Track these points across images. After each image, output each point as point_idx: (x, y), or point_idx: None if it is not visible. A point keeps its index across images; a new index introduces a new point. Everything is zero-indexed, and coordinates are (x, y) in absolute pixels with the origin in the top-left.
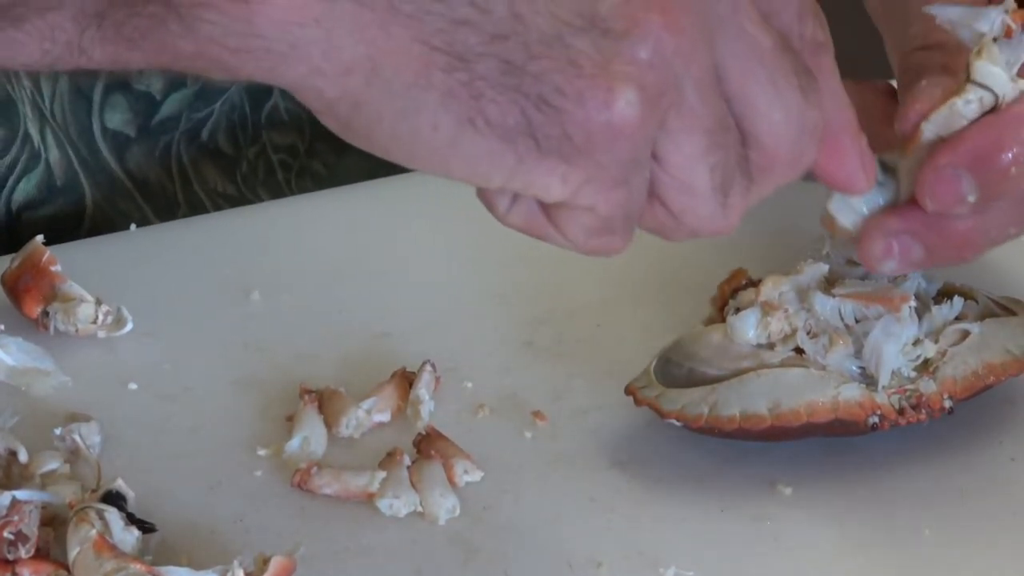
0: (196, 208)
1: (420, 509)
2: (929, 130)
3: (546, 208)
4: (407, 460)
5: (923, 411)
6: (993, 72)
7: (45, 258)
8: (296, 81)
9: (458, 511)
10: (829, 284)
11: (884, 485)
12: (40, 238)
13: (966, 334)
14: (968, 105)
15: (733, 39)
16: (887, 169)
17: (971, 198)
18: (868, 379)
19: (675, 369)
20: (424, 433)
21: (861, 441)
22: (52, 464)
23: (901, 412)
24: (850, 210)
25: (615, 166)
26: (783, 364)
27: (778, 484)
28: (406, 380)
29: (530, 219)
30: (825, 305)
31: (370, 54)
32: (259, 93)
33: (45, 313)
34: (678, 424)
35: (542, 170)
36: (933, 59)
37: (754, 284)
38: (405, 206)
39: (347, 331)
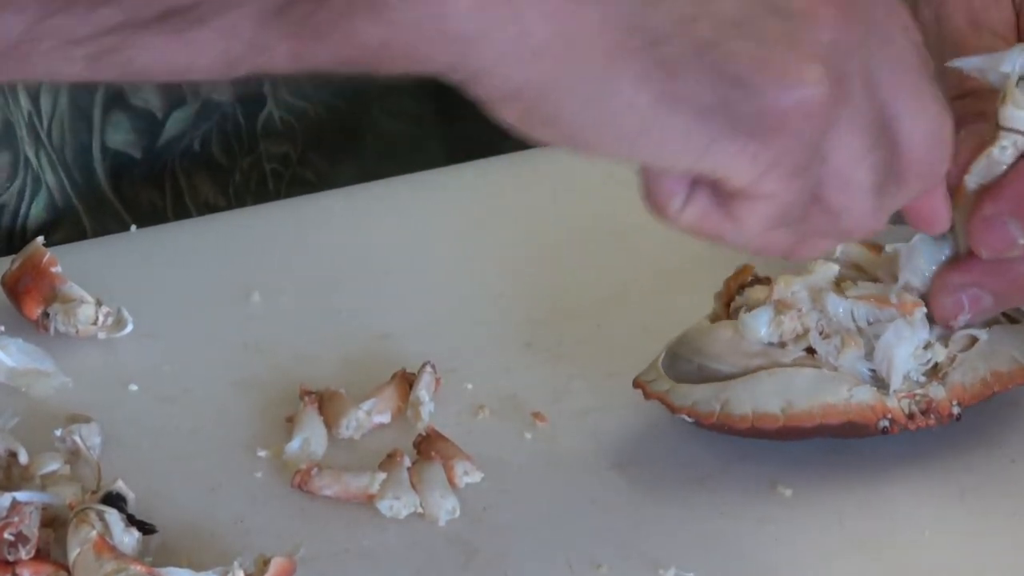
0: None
1: (420, 510)
2: (972, 181)
3: (723, 201)
4: (407, 461)
5: (932, 416)
6: (1018, 116)
7: (45, 259)
8: (484, 68)
9: (458, 512)
10: (839, 285)
11: (885, 486)
12: (40, 239)
13: (974, 340)
14: (1004, 151)
15: (884, 45)
16: None
17: (1022, 241)
18: (878, 382)
19: (684, 364)
20: (424, 434)
21: (862, 443)
22: (52, 465)
23: (911, 417)
24: (916, 270)
25: (801, 149)
26: (795, 364)
27: (778, 485)
28: (406, 381)
29: (705, 214)
30: (838, 306)
31: (562, 37)
32: (253, 103)
33: (45, 314)
34: (689, 420)
35: (734, 149)
36: (968, 107)
37: (760, 281)
38: (405, 207)
39: (347, 332)
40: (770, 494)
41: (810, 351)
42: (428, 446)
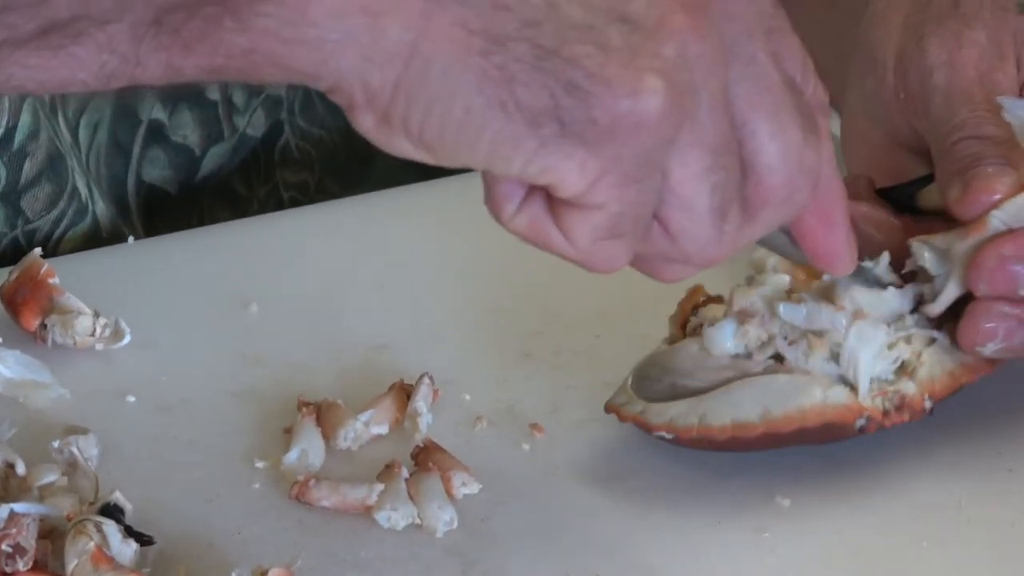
0: None
1: (418, 521)
2: (998, 219)
3: (554, 210)
4: (405, 472)
5: (906, 412)
6: None
7: (43, 271)
8: (345, 71)
9: (456, 523)
10: (790, 295)
11: (882, 496)
12: (38, 251)
13: (935, 338)
14: None
15: (745, 64)
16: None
17: (1022, 292)
18: (849, 383)
19: (654, 384)
20: (422, 445)
21: (859, 452)
22: (50, 476)
23: (886, 414)
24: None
25: (633, 161)
26: (767, 371)
27: (776, 496)
28: (404, 392)
29: (536, 222)
30: (793, 313)
31: (412, 39)
32: (271, 131)
33: (43, 326)
34: (668, 437)
35: (562, 154)
36: (989, 151)
37: (713, 300)
38: (403, 218)
39: (345, 343)
40: (768, 504)
41: (777, 358)
42: (426, 457)
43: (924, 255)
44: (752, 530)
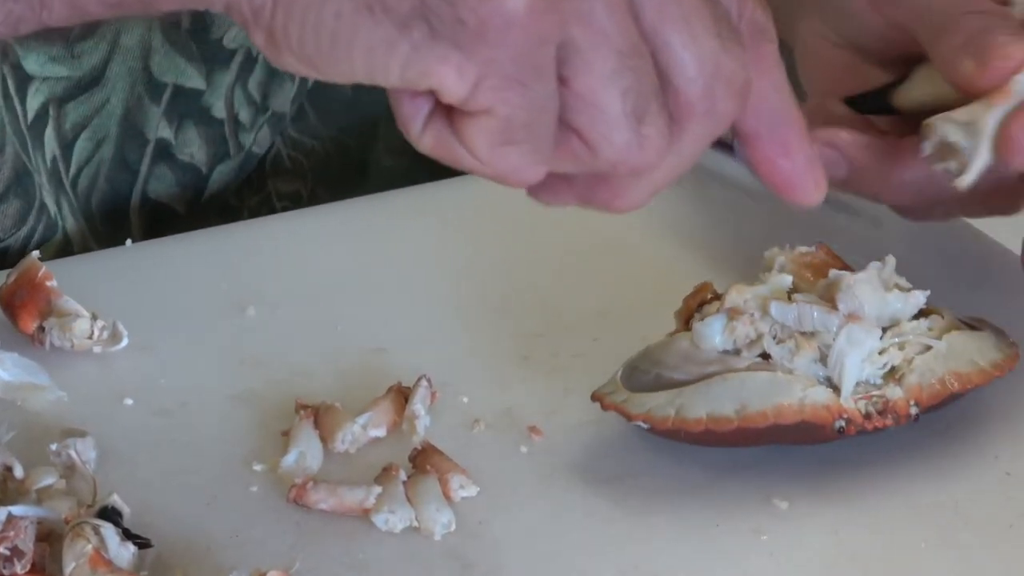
0: None
1: (416, 524)
2: (1022, 83)
3: (453, 124)
4: (403, 475)
5: (889, 416)
6: None
7: (41, 273)
8: None
9: (454, 526)
10: (790, 297)
11: (880, 498)
12: (36, 254)
13: (929, 347)
14: None
15: None
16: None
17: None
18: (834, 385)
19: (641, 376)
20: (420, 448)
21: (856, 455)
22: (48, 479)
23: (868, 417)
24: (855, 302)
25: (512, 62)
26: (750, 368)
27: (774, 498)
28: (402, 395)
29: (440, 138)
30: (785, 312)
31: None
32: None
33: (41, 328)
34: (645, 427)
35: (436, 57)
36: (996, 22)
37: (719, 298)
38: (400, 221)
39: (343, 346)
40: (766, 506)
41: (765, 356)
42: (424, 460)
43: (949, 130)
44: (750, 532)
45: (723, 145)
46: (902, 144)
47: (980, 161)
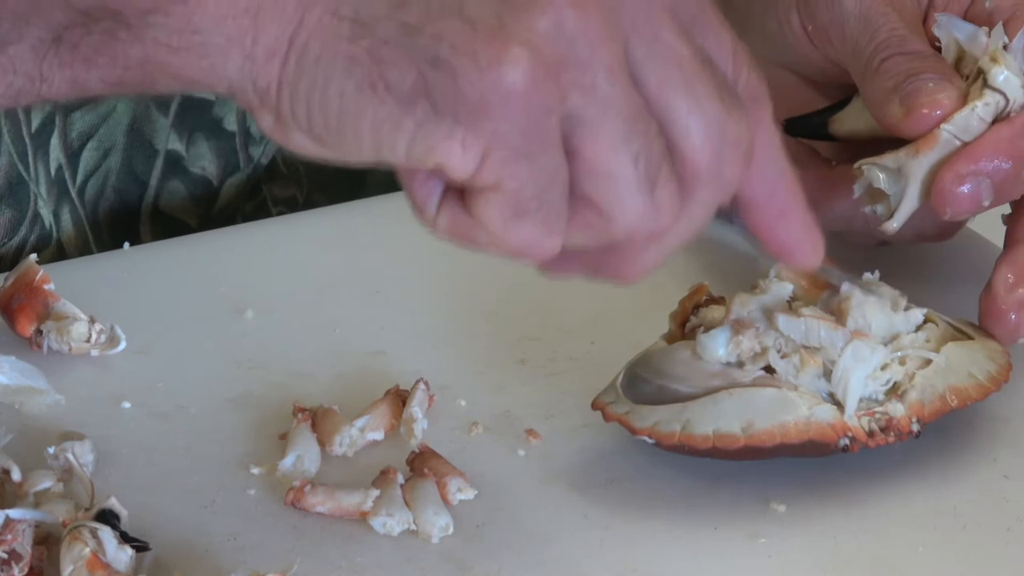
0: None
1: (414, 527)
2: (948, 131)
3: (466, 202)
4: (401, 478)
5: (892, 434)
6: (1010, 79)
7: (39, 277)
8: (233, 75)
9: (451, 529)
10: (791, 305)
11: (878, 502)
12: (33, 257)
13: (929, 361)
14: (987, 108)
15: (649, 43)
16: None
17: (986, 203)
18: (837, 401)
19: (644, 385)
20: (417, 451)
21: (854, 459)
22: (45, 483)
23: (871, 435)
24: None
25: (516, 135)
26: (755, 384)
27: (772, 502)
28: (399, 398)
29: (455, 218)
30: (791, 326)
31: (289, 34)
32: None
33: (38, 332)
34: (650, 441)
35: (441, 133)
36: (923, 65)
37: (715, 300)
38: (398, 224)
39: (340, 349)
40: (763, 510)
41: (769, 370)
42: (421, 463)
43: (878, 176)
44: (748, 536)
45: (719, 212)
46: (835, 177)
47: (907, 208)
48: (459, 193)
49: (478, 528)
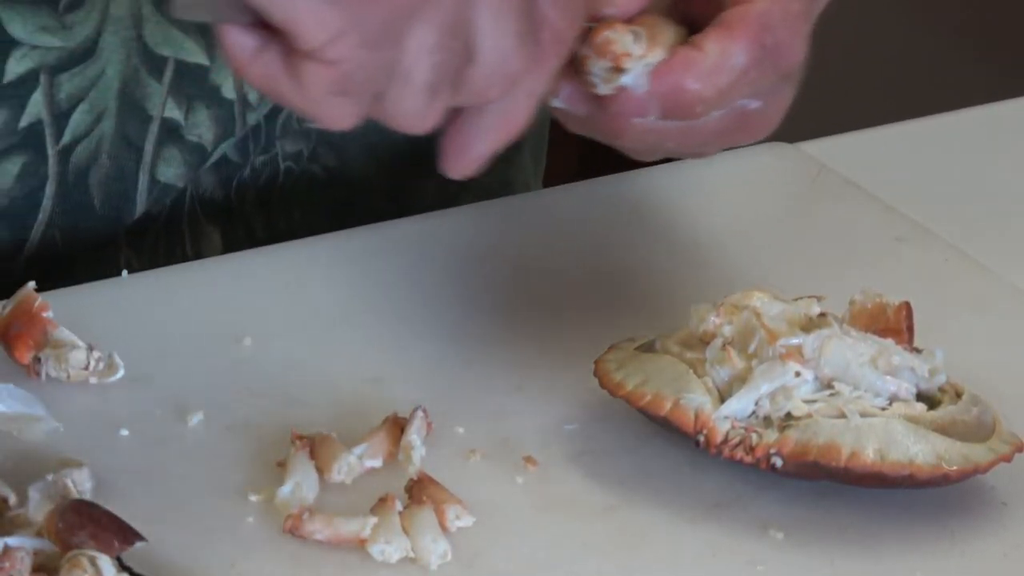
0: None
1: (412, 555)
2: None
3: (290, 61)
4: (399, 506)
5: (748, 453)
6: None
7: (37, 304)
8: None
9: (450, 556)
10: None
11: (876, 529)
12: (32, 284)
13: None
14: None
15: None
16: None
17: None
18: (759, 419)
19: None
20: (416, 478)
21: (852, 486)
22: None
23: (726, 442)
24: None
25: (376, 25)
26: (687, 360)
27: (770, 528)
28: (397, 425)
29: (271, 72)
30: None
31: None
32: (276, 109)
33: (36, 359)
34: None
35: (306, 6)
36: None
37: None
38: (396, 251)
39: (338, 377)
40: (761, 536)
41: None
42: (420, 490)
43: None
44: (746, 563)
45: None
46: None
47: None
48: (281, 48)
49: (476, 556)
